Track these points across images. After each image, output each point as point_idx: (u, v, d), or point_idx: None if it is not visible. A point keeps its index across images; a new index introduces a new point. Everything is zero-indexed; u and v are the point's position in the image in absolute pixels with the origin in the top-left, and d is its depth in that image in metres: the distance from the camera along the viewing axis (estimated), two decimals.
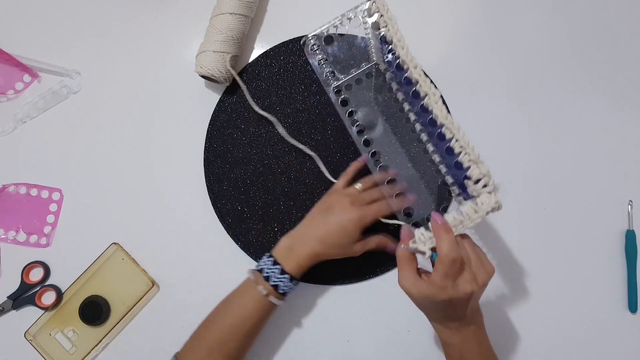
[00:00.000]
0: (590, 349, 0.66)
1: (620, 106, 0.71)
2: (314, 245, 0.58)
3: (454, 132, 0.49)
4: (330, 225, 0.58)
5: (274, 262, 0.58)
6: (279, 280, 0.57)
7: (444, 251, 0.47)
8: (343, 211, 0.59)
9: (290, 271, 0.58)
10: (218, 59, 0.67)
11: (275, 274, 0.57)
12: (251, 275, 0.59)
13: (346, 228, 0.58)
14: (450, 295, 0.47)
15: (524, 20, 0.74)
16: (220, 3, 0.69)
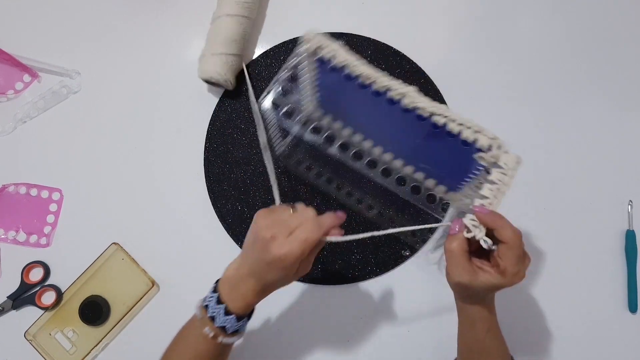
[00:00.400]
0: (590, 349, 0.66)
1: (620, 106, 0.71)
2: (256, 284, 0.51)
3: (447, 114, 0.48)
4: (265, 263, 0.49)
5: (218, 300, 0.51)
6: (225, 321, 0.50)
7: (511, 235, 0.46)
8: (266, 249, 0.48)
9: (237, 311, 0.50)
10: (220, 64, 0.67)
11: (220, 315, 0.50)
12: (198, 313, 0.52)
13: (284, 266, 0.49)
14: (519, 279, 0.46)
15: (524, 20, 0.74)
16: (219, 5, 0.69)
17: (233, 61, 0.68)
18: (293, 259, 0.48)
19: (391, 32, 0.74)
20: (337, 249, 0.69)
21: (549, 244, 0.68)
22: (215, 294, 0.51)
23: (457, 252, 0.48)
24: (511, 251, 0.46)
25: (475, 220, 0.47)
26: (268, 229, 0.48)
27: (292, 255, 0.48)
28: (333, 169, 0.66)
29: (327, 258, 0.69)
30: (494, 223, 0.47)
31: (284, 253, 0.47)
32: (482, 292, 0.50)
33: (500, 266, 0.47)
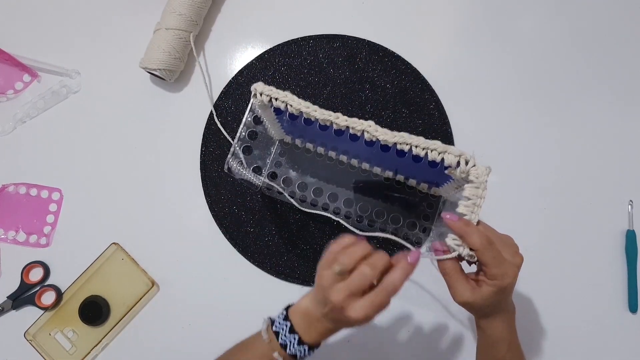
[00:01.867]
0: (590, 349, 0.66)
1: (620, 106, 0.71)
2: (335, 327, 0.51)
3: (409, 140, 0.48)
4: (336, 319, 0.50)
5: (291, 329, 0.51)
6: (297, 350, 0.51)
7: (477, 240, 0.46)
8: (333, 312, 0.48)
9: (310, 342, 0.51)
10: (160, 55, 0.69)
11: (293, 344, 0.51)
12: (265, 336, 0.53)
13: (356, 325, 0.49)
14: (512, 275, 0.47)
15: (521, 21, 0.74)
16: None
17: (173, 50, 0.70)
18: (367, 322, 0.47)
19: (387, 34, 0.74)
20: None
21: (549, 244, 0.68)
22: (287, 322, 0.52)
23: (451, 273, 0.49)
24: (484, 256, 0.46)
25: (456, 239, 0.48)
26: (334, 295, 0.47)
27: (367, 320, 0.47)
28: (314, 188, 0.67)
29: None
30: (461, 231, 0.47)
31: (360, 318, 0.46)
32: (490, 304, 0.49)
33: (487, 273, 0.47)
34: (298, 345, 0.51)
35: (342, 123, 0.49)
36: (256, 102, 0.51)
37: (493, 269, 0.47)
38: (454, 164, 0.47)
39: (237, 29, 0.76)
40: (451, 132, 0.70)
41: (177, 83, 0.74)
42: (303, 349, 0.51)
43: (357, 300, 0.47)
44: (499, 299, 0.49)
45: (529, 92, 0.72)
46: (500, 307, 0.51)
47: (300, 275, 0.69)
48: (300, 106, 0.49)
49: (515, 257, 0.48)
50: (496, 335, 0.53)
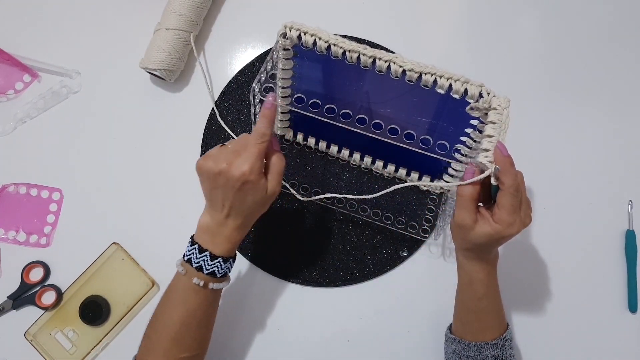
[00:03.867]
0: (590, 349, 0.66)
1: (620, 106, 0.71)
2: (236, 221, 0.53)
3: (434, 71, 0.49)
4: (233, 198, 0.51)
5: (200, 249, 0.53)
6: (212, 266, 0.52)
7: (509, 182, 0.45)
8: (228, 176, 0.50)
9: (222, 253, 0.53)
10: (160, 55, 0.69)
11: (206, 262, 0.52)
12: (180, 269, 0.54)
13: (251, 184, 0.51)
14: (516, 230, 0.47)
15: (523, 21, 0.74)
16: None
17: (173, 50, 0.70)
18: (257, 171, 0.50)
19: (387, 34, 0.74)
20: (335, 250, 0.69)
21: (549, 244, 0.68)
22: (195, 246, 0.53)
23: (467, 196, 0.48)
24: (505, 198, 0.46)
25: (489, 157, 0.47)
26: (219, 163, 0.50)
27: (255, 167, 0.50)
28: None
29: (325, 260, 0.69)
30: (503, 163, 0.46)
31: (247, 168, 0.49)
32: (480, 243, 0.49)
33: (496, 215, 0.47)
34: (211, 261, 0.52)
35: (370, 53, 0.49)
36: (281, 45, 0.51)
37: (504, 214, 0.46)
38: (476, 95, 0.48)
39: (237, 29, 0.76)
40: None
41: (177, 83, 0.74)
42: (218, 262, 0.52)
43: (237, 159, 0.50)
44: (489, 244, 0.49)
45: (528, 91, 0.72)
46: (485, 253, 0.52)
47: (300, 275, 0.69)
48: (329, 38, 0.49)
49: (526, 217, 0.48)
50: (474, 273, 0.53)
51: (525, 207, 0.48)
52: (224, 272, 0.54)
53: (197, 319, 0.54)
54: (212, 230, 0.53)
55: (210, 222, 0.53)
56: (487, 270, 0.53)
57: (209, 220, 0.54)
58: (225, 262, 0.53)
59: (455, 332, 0.59)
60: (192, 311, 0.53)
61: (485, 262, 0.53)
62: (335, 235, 0.69)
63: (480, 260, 0.52)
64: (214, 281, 0.53)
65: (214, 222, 0.53)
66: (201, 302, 0.54)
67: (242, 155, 0.50)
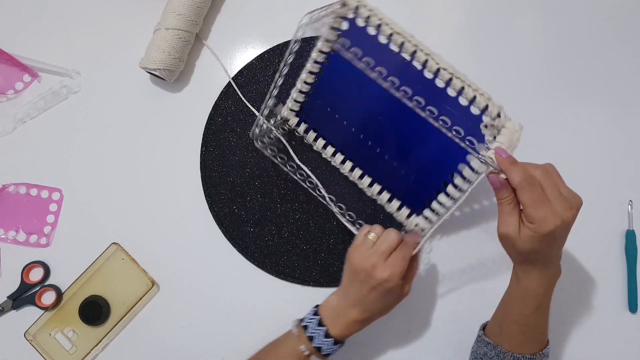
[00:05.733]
0: (590, 349, 0.66)
1: (620, 105, 0.71)
2: (363, 314, 0.55)
3: (464, 79, 0.50)
4: (365, 296, 0.53)
5: (320, 323, 0.55)
6: (323, 343, 0.54)
7: (517, 179, 0.45)
8: (370, 278, 0.52)
9: (337, 335, 0.55)
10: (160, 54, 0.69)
11: (320, 336, 0.54)
12: (294, 330, 0.56)
13: (384, 293, 0.53)
14: (552, 225, 0.45)
15: (524, 20, 0.74)
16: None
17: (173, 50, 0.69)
18: (397, 279, 0.52)
19: None
20: (335, 250, 0.69)
21: None
22: (317, 317, 0.55)
23: (505, 202, 0.48)
24: (522, 194, 0.45)
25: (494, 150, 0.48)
26: (366, 260, 0.52)
27: (396, 275, 0.52)
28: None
29: (325, 259, 0.69)
30: (502, 164, 0.46)
31: (388, 275, 0.51)
32: (528, 250, 0.47)
33: (525, 214, 0.46)
34: (325, 338, 0.54)
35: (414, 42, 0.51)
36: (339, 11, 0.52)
37: (530, 210, 0.45)
38: (494, 114, 0.49)
39: (237, 29, 0.76)
40: None
41: (177, 83, 0.74)
42: (329, 341, 0.54)
43: (383, 263, 0.52)
44: (539, 248, 0.47)
45: (528, 91, 0.72)
46: (541, 258, 0.49)
47: (300, 275, 0.69)
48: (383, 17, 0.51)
49: (565, 210, 0.45)
50: (530, 288, 0.51)
51: (559, 201, 0.45)
52: (328, 353, 0.55)
53: None
54: (337, 312, 0.55)
55: (339, 305, 0.55)
56: (545, 285, 0.52)
57: (337, 302, 0.56)
58: (335, 344, 0.55)
59: (490, 334, 0.57)
60: None
61: (544, 276, 0.51)
62: (334, 234, 0.69)
63: (539, 273, 0.51)
64: (318, 356, 0.55)
65: (341, 306, 0.55)
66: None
67: (389, 259, 0.52)
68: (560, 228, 0.45)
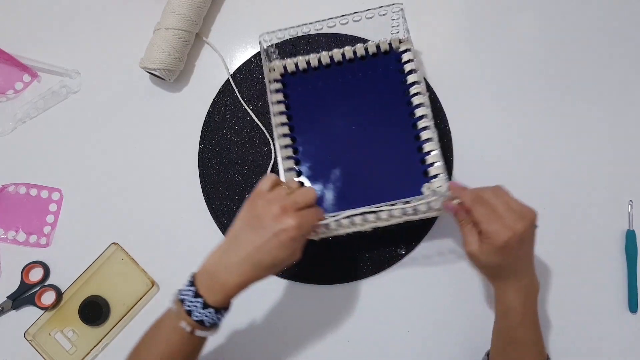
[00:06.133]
0: (590, 349, 0.66)
1: (620, 105, 0.71)
2: (245, 271, 0.49)
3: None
4: (262, 242, 0.48)
5: (195, 294, 0.49)
6: (203, 315, 0.49)
7: (468, 198, 0.51)
8: (276, 221, 0.47)
9: (215, 304, 0.49)
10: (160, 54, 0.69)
11: (198, 308, 0.49)
12: (173, 307, 0.51)
13: (283, 242, 0.47)
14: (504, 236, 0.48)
15: (523, 20, 0.74)
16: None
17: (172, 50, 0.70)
18: (303, 231, 0.48)
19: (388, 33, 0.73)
20: (333, 249, 0.69)
21: (549, 244, 0.68)
22: (192, 287, 0.50)
23: (465, 222, 0.53)
24: (474, 212, 0.50)
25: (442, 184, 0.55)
26: (275, 205, 0.48)
27: (304, 227, 0.48)
28: None
29: (323, 258, 0.68)
30: (457, 192, 0.52)
31: (297, 222, 0.47)
32: (493, 264, 0.51)
33: (481, 230, 0.50)
34: (203, 309, 0.48)
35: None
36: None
37: (484, 226, 0.49)
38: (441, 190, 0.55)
39: (237, 28, 0.76)
40: (449, 130, 0.70)
41: (176, 83, 0.74)
42: (208, 312, 0.49)
43: (294, 212, 0.48)
44: (501, 261, 0.50)
45: (528, 91, 0.72)
46: (510, 271, 0.52)
47: (300, 273, 0.69)
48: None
49: (516, 222, 0.49)
50: (508, 302, 0.53)
51: (509, 214, 0.49)
52: (212, 323, 0.50)
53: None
54: (214, 276, 0.50)
55: (216, 267, 0.50)
56: (522, 298, 0.53)
57: (215, 263, 0.51)
58: (217, 312, 0.50)
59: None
60: (173, 353, 0.50)
61: (519, 289, 0.53)
62: None
63: (513, 286, 0.53)
64: (202, 329, 0.50)
65: (220, 268, 0.50)
66: (184, 346, 0.50)
67: (302, 211, 0.49)
68: (513, 239, 0.49)
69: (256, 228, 0.48)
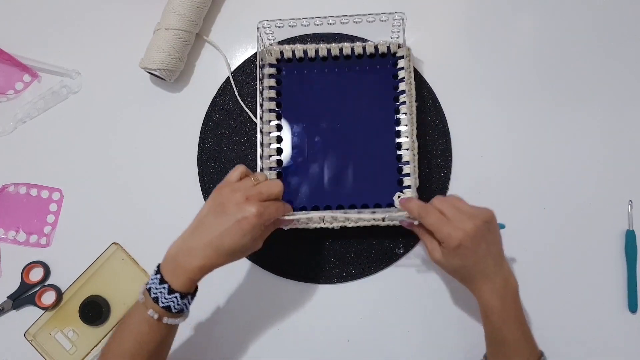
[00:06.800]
0: (590, 349, 0.66)
1: (620, 105, 0.71)
2: (207, 255, 0.50)
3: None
4: (224, 228, 0.50)
5: (161, 281, 0.50)
6: (169, 300, 0.49)
7: (415, 210, 0.54)
8: (238, 208, 0.50)
9: (180, 288, 0.50)
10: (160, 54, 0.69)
11: (164, 295, 0.49)
12: (140, 297, 0.51)
13: (244, 228, 0.49)
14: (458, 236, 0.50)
15: (522, 20, 0.74)
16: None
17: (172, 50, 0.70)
18: (264, 220, 0.50)
19: (387, 33, 0.73)
20: (332, 248, 0.69)
21: (549, 244, 0.68)
22: (158, 275, 0.51)
23: (422, 233, 0.56)
24: (425, 221, 0.53)
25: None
26: (239, 194, 0.51)
27: (265, 216, 0.50)
28: None
29: (322, 257, 0.68)
30: (404, 206, 0.55)
31: (258, 211, 0.49)
32: (458, 267, 0.53)
33: (437, 238, 0.53)
34: (169, 295, 0.49)
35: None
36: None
37: (437, 233, 0.52)
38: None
39: (237, 27, 0.76)
40: (448, 130, 0.70)
41: (176, 83, 0.74)
42: (174, 297, 0.49)
43: (257, 201, 0.51)
44: (464, 262, 0.52)
45: (528, 91, 0.72)
46: (477, 272, 0.53)
47: (299, 272, 0.68)
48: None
49: (465, 222, 0.51)
50: (485, 303, 0.53)
51: (458, 216, 0.51)
52: (180, 309, 0.51)
53: (148, 352, 0.51)
54: (177, 258, 0.51)
55: (178, 252, 0.51)
56: (498, 297, 0.53)
57: (178, 248, 0.52)
58: (183, 298, 0.50)
59: None
60: (143, 343, 0.51)
61: (494, 289, 0.53)
62: (331, 232, 0.69)
63: (487, 287, 0.53)
64: (169, 316, 0.50)
65: (182, 253, 0.51)
66: (154, 335, 0.51)
67: (265, 202, 0.52)
68: (466, 239, 0.50)
69: (220, 214, 0.50)
